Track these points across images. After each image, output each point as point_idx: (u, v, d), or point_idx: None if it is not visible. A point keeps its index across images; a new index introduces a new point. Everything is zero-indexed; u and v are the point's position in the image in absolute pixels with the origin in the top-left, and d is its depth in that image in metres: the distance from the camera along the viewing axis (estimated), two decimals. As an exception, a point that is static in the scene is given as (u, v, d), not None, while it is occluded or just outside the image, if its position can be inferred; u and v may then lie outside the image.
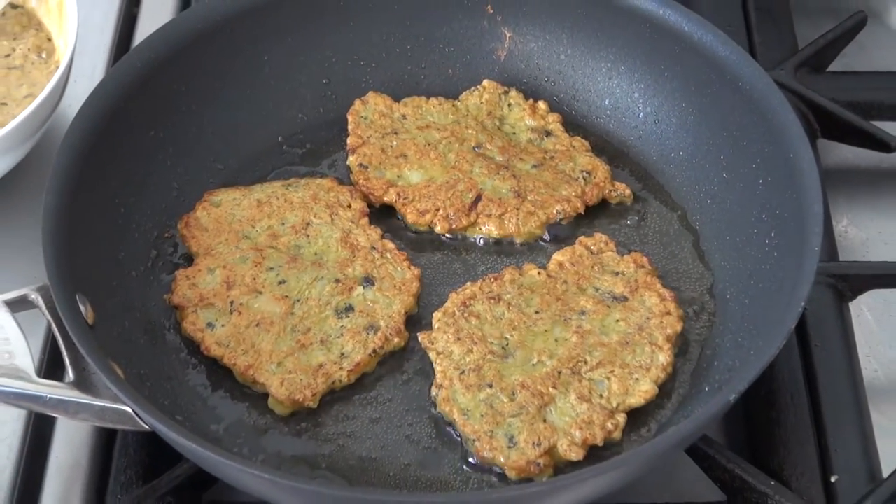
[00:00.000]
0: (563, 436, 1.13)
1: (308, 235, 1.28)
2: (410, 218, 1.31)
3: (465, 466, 1.14)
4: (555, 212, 1.30)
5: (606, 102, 1.39)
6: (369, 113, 1.38)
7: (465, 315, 1.21)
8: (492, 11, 1.40)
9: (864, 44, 1.53)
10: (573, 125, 1.38)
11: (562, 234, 1.31)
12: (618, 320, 1.21)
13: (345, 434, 1.17)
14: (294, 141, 1.38)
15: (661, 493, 1.17)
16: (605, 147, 1.37)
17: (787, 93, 1.32)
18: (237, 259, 1.25)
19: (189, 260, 1.27)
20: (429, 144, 1.35)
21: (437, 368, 1.18)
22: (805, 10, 1.57)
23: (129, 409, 1.08)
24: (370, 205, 1.32)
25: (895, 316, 1.32)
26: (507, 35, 1.41)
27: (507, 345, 1.19)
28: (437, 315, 1.22)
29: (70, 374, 1.11)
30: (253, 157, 1.36)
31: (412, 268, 1.25)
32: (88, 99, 1.24)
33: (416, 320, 1.24)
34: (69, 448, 1.19)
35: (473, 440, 1.14)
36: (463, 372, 1.17)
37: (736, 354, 1.18)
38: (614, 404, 1.15)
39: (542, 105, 1.39)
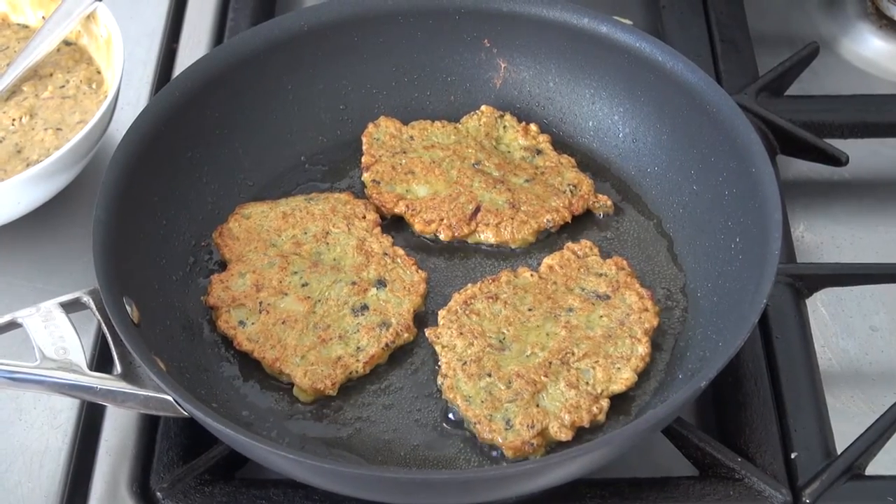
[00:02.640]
0: (553, 419, 1.12)
1: (328, 243, 1.27)
2: (418, 227, 1.30)
3: (467, 447, 1.13)
4: (545, 221, 1.29)
5: (590, 124, 1.38)
6: (381, 135, 1.37)
7: (467, 313, 1.20)
8: (489, 45, 1.39)
9: (818, 70, 1.52)
10: (561, 144, 1.37)
11: (551, 240, 1.30)
12: (601, 316, 1.20)
13: (361, 419, 1.16)
14: (315, 160, 1.37)
15: (641, 469, 1.15)
16: (590, 163, 1.36)
17: (749, 115, 1.32)
18: (265, 264, 1.25)
19: (223, 266, 1.27)
20: (434, 162, 1.34)
21: (442, 360, 1.18)
22: (765, 40, 1.56)
23: (170, 398, 1.08)
24: (382, 216, 1.31)
25: (847, 311, 1.31)
26: (503, 65, 1.40)
27: (504, 338, 1.18)
28: (441, 313, 1.21)
29: (118, 368, 1.10)
30: (279, 175, 1.35)
31: (420, 271, 1.25)
32: (133, 124, 1.24)
33: (423, 317, 1.23)
34: (117, 433, 1.18)
35: (475, 423, 1.13)
36: (465, 363, 1.16)
37: (706, 346, 1.17)
38: (599, 390, 1.14)
39: (533, 127, 1.38)
